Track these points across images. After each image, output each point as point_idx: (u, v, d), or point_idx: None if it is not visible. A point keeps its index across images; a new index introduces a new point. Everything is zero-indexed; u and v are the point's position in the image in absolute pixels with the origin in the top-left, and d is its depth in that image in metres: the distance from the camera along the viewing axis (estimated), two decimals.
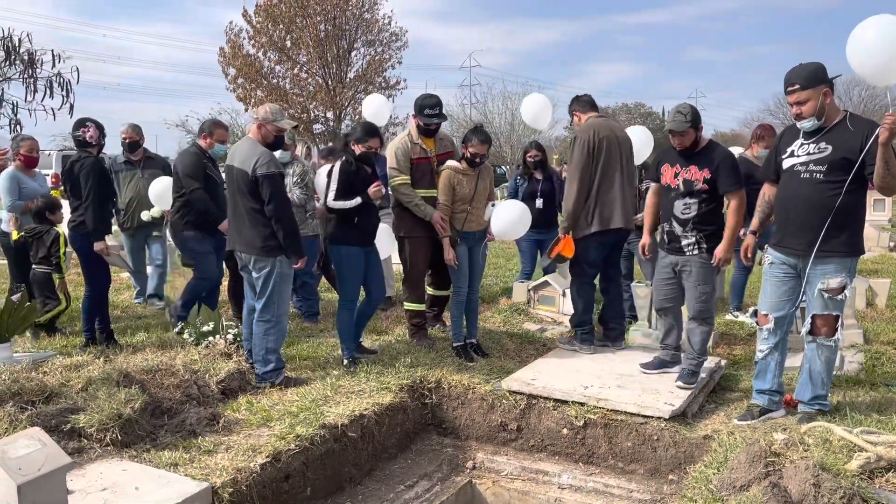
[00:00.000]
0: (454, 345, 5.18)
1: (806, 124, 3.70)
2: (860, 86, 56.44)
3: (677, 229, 4.43)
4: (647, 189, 5.12)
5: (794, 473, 2.79)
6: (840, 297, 3.70)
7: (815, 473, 2.74)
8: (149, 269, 6.95)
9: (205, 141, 5.58)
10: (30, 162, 6.07)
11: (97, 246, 5.04)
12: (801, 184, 3.74)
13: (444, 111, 5.37)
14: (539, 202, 6.75)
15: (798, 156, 3.78)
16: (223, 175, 5.18)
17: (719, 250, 4.34)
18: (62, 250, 5.49)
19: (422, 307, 5.50)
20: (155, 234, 6.78)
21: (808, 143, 3.74)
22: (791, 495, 2.70)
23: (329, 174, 4.79)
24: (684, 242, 4.41)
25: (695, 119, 4.34)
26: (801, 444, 3.12)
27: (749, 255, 4.25)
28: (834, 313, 3.73)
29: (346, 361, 4.85)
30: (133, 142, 6.58)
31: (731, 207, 4.36)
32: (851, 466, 2.97)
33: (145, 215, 6.47)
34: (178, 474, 3.15)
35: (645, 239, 4.81)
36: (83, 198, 5.02)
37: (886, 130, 3.33)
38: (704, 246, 4.37)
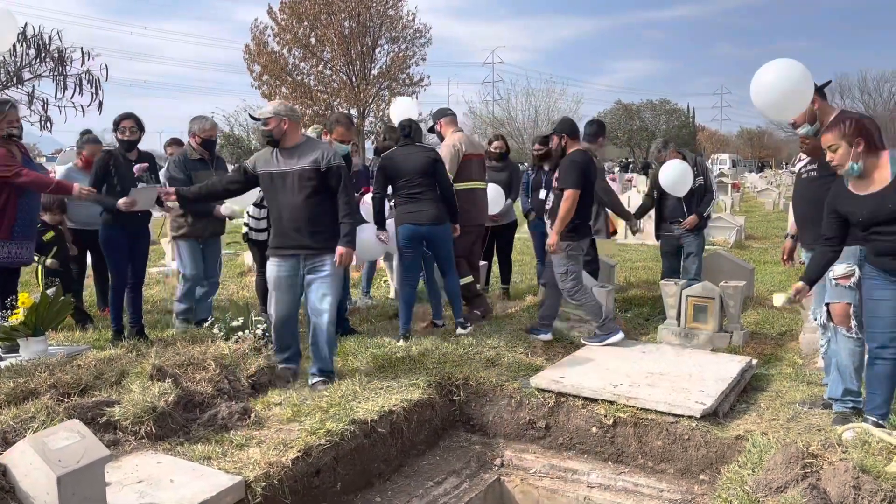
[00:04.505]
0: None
1: (801, 130, 4.01)
2: (890, 82, 55.59)
3: (548, 216, 5.33)
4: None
5: (833, 475, 2.75)
6: (848, 284, 3.76)
7: (855, 475, 2.69)
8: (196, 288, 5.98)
9: (326, 138, 5.34)
10: (89, 165, 5.93)
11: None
12: (802, 184, 4.19)
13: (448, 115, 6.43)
14: (542, 193, 6.74)
15: (802, 159, 4.20)
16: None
17: (549, 237, 5.20)
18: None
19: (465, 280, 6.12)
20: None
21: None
22: (830, 497, 2.65)
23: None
24: (548, 230, 5.25)
25: (560, 128, 5.30)
26: (839, 446, 3.07)
27: (786, 258, 4.58)
28: (845, 301, 3.78)
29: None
30: (214, 140, 5.88)
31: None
32: (891, 469, 2.91)
33: (226, 209, 5.75)
34: (212, 468, 3.18)
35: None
36: None
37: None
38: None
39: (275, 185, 4.42)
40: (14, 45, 10.80)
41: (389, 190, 5.63)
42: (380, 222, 5.59)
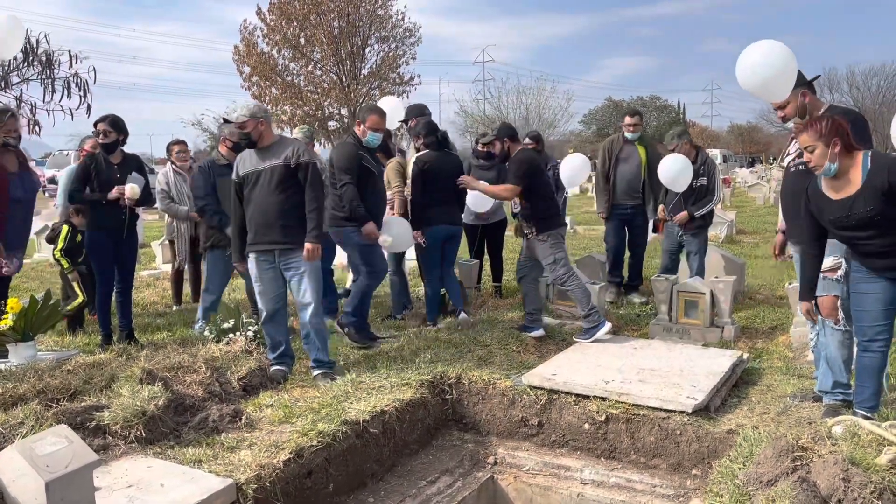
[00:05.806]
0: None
1: (790, 125, 4.08)
2: (878, 76, 55.91)
3: (521, 220, 5.53)
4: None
5: (823, 468, 2.75)
6: (835, 277, 3.78)
7: (845, 468, 2.70)
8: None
9: (359, 129, 5.23)
10: None
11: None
12: (791, 178, 4.12)
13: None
14: None
15: (790, 153, 4.19)
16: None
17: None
18: (59, 246, 5.77)
19: None
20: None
21: (797, 142, 3.95)
22: (820, 490, 2.66)
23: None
24: (525, 231, 5.46)
25: (500, 133, 5.49)
26: (828, 439, 3.08)
27: (777, 252, 4.65)
28: (832, 294, 3.80)
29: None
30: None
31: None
32: (881, 461, 2.92)
33: None
34: (203, 471, 3.16)
35: None
36: None
37: None
38: (534, 230, 5.33)
39: (249, 184, 4.51)
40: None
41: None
42: (418, 223, 5.83)
